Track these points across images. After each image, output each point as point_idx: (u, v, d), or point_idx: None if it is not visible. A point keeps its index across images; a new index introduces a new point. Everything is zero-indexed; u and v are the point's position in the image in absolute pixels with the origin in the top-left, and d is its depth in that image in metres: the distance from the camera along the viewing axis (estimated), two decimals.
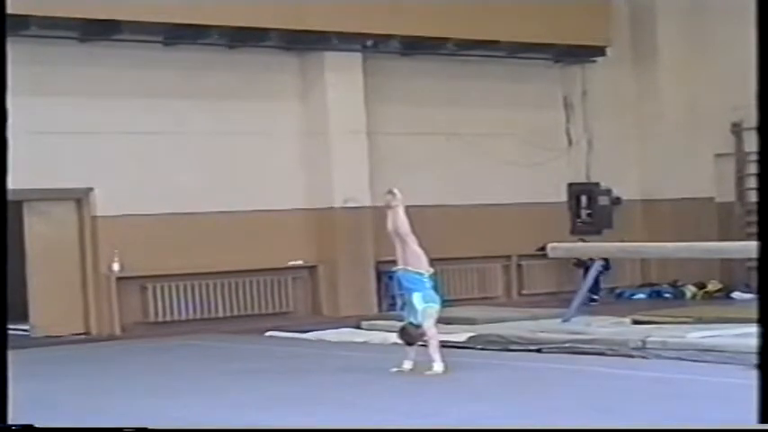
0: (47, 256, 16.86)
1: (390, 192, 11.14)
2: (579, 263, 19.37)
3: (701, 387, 9.62)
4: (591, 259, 16.65)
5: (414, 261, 10.86)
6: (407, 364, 10.80)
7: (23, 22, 15.57)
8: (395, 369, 10.80)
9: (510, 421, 8.08)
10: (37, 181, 16.33)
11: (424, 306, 10.76)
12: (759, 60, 5.47)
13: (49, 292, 16.77)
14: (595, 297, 19.22)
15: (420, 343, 10.84)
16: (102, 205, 17.06)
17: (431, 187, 19.35)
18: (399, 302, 11.25)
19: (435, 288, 10.96)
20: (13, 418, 6.98)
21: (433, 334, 10.79)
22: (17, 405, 8.85)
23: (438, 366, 10.61)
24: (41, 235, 16.88)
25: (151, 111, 17.44)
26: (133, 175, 17.20)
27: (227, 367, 12.22)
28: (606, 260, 18.26)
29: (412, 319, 10.81)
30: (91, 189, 17.06)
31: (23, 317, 16.79)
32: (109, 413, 9.16)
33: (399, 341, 11.08)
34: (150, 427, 6.89)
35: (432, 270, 10.93)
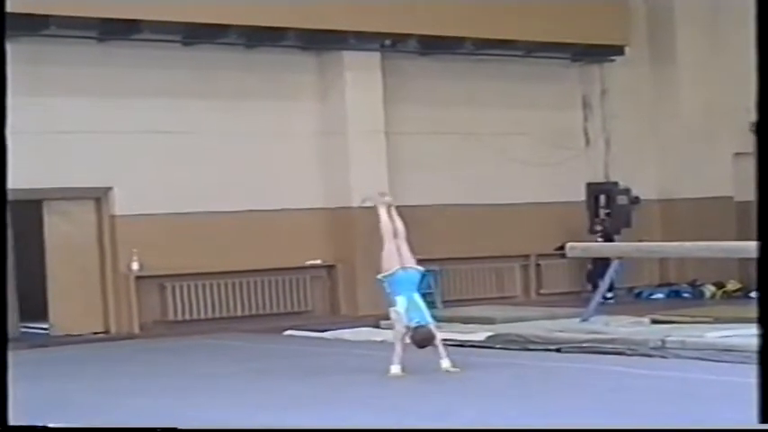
0: (66, 254, 16.91)
1: (383, 192, 11.48)
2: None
3: (720, 387, 9.59)
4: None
5: (406, 261, 11.07)
6: (445, 363, 10.73)
7: (43, 21, 15.64)
8: (448, 368, 10.65)
9: (528, 420, 8.07)
10: (56, 180, 16.41)
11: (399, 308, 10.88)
12: (759, 60, 5.49)
13: (68, 291, 16.81)
14: (609, 295, 19.11)
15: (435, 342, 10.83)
16: (121, 204, 17.10)
17: (449, 187, 19.35)
18: (404, 305, 11.18)
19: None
20: (31, 416, 7.00)
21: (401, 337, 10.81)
22: (35, 404, 8.90)
23: (395, 369, 10.62)
24: (61, 234, 16.94)
25: (170, 110, 17.47)
26: (152, 174, 17.24)
27: (245, 366, 12.24)
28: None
29: (419, 320, 10.82)
30: (110, 188, 17.10)
31: (43, 315, 16.85)
32: (127, 412, 9.18)
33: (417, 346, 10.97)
34: (170, 426, 6.89)
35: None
